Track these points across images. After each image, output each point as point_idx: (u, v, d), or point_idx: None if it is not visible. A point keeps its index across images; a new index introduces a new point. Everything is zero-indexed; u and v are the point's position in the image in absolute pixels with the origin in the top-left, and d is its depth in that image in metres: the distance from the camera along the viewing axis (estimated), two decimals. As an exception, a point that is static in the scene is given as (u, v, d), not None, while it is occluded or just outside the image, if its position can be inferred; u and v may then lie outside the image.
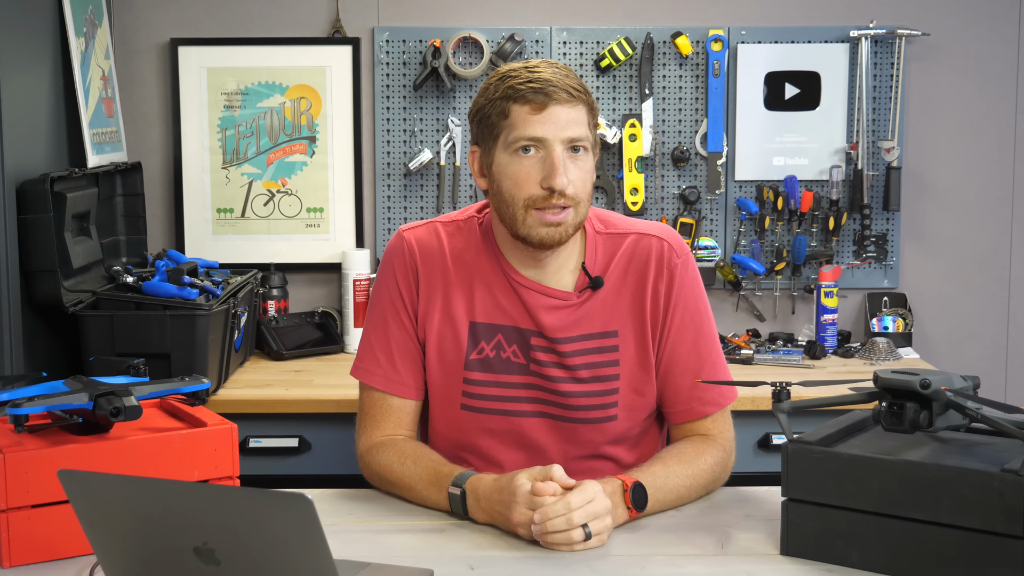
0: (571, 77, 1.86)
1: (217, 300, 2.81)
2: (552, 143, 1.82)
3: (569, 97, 1.83)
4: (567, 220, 1.84)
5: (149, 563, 1.34)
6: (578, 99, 1.84)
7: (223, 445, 1.70)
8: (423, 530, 1.75)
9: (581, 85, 1.86)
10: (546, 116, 1.82)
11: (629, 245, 1.96)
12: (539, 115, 1.82)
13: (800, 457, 1.59)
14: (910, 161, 3.45)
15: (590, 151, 1.87)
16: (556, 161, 1.81)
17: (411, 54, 3.40)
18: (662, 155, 3.42)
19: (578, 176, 1.84)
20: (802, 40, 3.40)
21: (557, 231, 1.84)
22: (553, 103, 1.82)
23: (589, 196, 1.87)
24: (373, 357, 1.97)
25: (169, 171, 3.45)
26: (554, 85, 1.82)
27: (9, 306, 2.55)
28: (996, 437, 1.63)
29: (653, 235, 1.96)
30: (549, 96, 1.82)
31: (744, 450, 2.91)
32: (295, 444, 2.88)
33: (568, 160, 1.83)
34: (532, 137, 1.83)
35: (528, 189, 1.83)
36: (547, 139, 1.82)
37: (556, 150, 1.82)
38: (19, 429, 1.63)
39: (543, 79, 1.82)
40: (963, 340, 3.51)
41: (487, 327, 1.94)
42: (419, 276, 1.96)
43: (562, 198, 1.82)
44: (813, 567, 1.59)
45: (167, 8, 3.41)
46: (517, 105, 1.83)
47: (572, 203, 1.84)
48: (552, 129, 1.82)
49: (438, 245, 1.97)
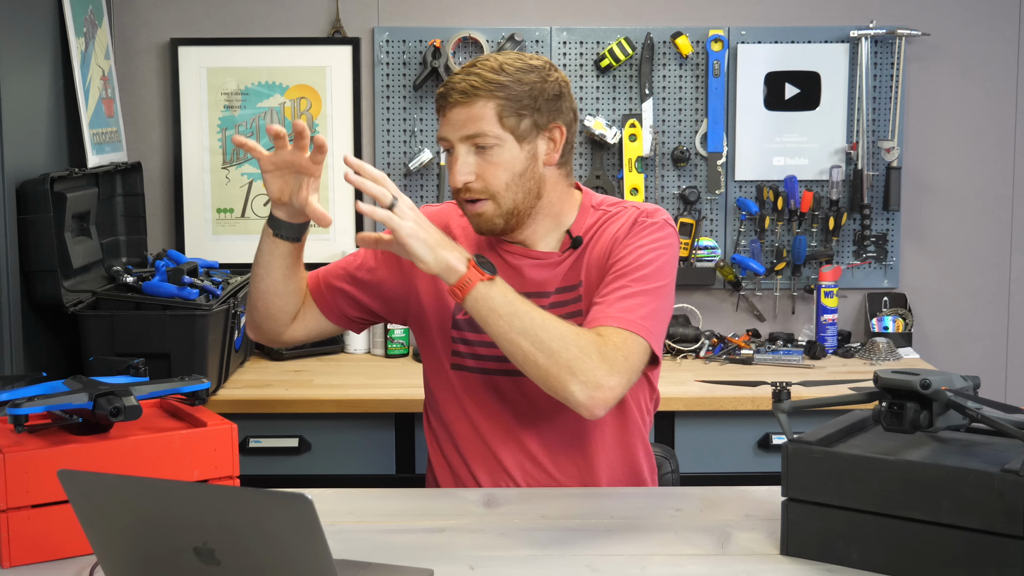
0: (484, 73, 1.90)
1: (217, 300, 2.81)
2: (453, 143, 1.92)
3: (465, 97, 1.89)
4: (487, 211, 1.93)
5: (149, 563, 1.34)
6: (477, 96, 1.89)
7: (223, 445, 1.70)
8: (423, 530, 1.75)
9: (493, 79, 1.89)
10: (447, 119, 1.92)
11: (617, 214, 2.01)
12: (444, 117, 1.93)
13: (800, 457, 1.59)
14: (910, 161, 3.45)
15: (504, 144, 1.90)
16: (454, 162, 1.92)
17: (411, 54, 3.40)
18: (662, 155, 3.42)
19: (486, 169, 1.91)
20: (802, 40, 3.40)
21: (482, 220, 1.94)
22: (450, 106, 1.91)
23: (507, 185, 1.91)
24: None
25: (169, 171, 3.45)
26: (454, 88, 1.91)
27: (9, 306, 2.55)
28: (996, 437, 1.63)
29: (641, 207, 2.01)
30: (447, 99, 1.91)
31: (744, 450, 2.92)
32: (295, 444, 2.88)
33: (474, 155, 1.91)
34: (441, 138, 1.95)
35: (452, 183, 1.95)
36: (449, 139, 1.93)
37: (456, 150, 1.92)
38: (19, 429, 1.63)
39: (450, 82, 1.92)
40: (963, 340, 3.51)
41: None
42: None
43: (468, 192, 1.92)
44: (813, 567, 1.58)
45: (167, 8, 3.42)
46: (439, 111, 1.95)
47: (484, 195, 1.92)
48: (450, 130, 1.92)
49: (445, 221, 2.07)
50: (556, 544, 1.69)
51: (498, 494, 1.92)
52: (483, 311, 1.78)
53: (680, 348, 3.25)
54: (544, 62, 1.96)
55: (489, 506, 1.86)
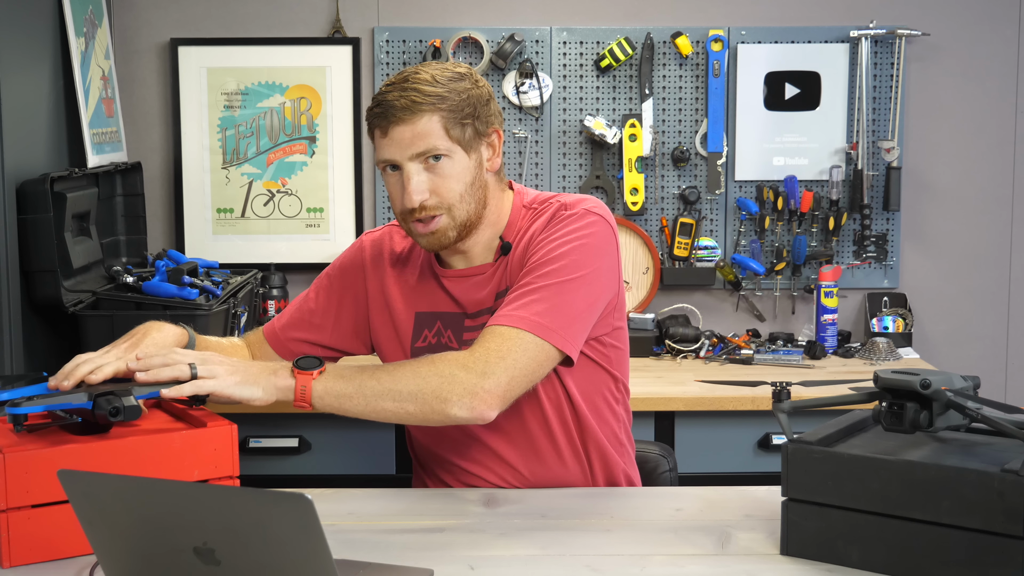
0: (420, 88, 1.85)
1: (217, 300, 2.81)
2: (402, 163, 1.87)
3: (409, 114, 1.84)
4: (441, 226, 1.89)
5: (149, 563, 1.33)
6: (420, 112, 1.84)
7: (223, 445, 1.70)
8: (423, 530, 1.75)
9: (432, 92, 1.85)
10: (390, 138, 1.86)
11: (541, 211, 1.97)
12: (386, 138, 1.87)
13: (800, 457, 1.59)
14: (910, 161, 3.45)
15: (455, 154, 1.88)
16: (407, 181, 1.86)
17: (411, 54, 3.40)
18: (662, 155, 3.42)
19: (440, 183, 1.87)
20: (802, 40, 3.40)
21: (434, 238, 1.90)
22: (393, 124, 1.85)
23: (462, 196, 1.89)
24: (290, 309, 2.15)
25: (169, 171, 3.45)
26: (393, 106, 1.84)
27: (9, 306, 2.55)
28: (996, 437, 1.63)
29: (566, 199, 1.96)
30: (387, 119, 1.86)
31: (744, 450, 2.92)
32: (295, 444, 2.88)
33: (426, 172, 1.87)
34: (385, 159, 1.89)
35: (399, 205, 1.91)
36: (396, 160, 1.87)
37: (407, 169, 1.87)
38: (18, 429, 1.63)
39: (385, 100, 1.86)
40: (963, 340, 3.51)
41: (428, 315, 2.01)
42: (366, 273, 2.07)
43: (423, 211, 1.88)
44: (813, 567, 1.58)
45: (167, 8, 3.42)
46: (375, 131, 1.89)
47: (439, 210, 1.88)
48: (397, 150, 1.86)
49: (379, 248, 2.08)
50: (556, 544, 1.69)
51: (498, 494, 1.92)
52: (333, 402, 1.76)
53: (680, 348, 3.25)
54: (467, 69, 1.93)
55: (489, 506, 1.86)
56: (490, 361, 1.76)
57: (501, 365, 1.76)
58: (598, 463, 2.01)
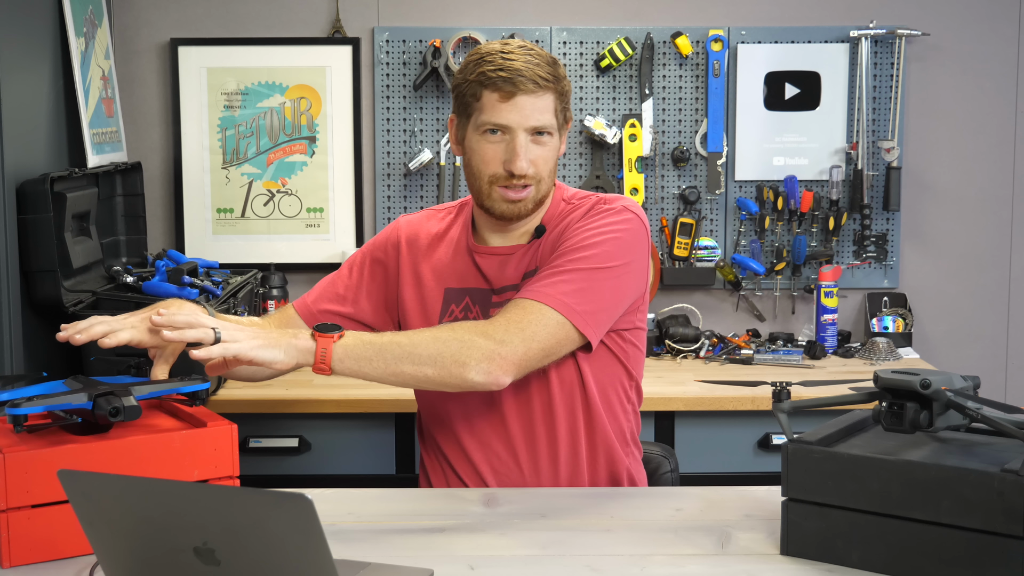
0: (543, 65, 1.94)
1: (217, 300, 2.81)
2: (516, 131, 1.93)
3: (536, 87, 1.93)
4: (528, 196, 1.97)
5: (149, 563, 1.33)
6: (546, 88, 1.94)
7: (223, 445, 1.70)
8: (423, 530, 1.75)
9: (552, 72, 1.95)
10: (512, 105, 1.92)
11: (580, 204, 2.04)
12: (506, 103, 1.93)
13: (800, 457, 1.59)
14: (910, 161, 3.45)
15: (555, 134, 1.98)
16: (518, 148, 1.93)
17: (411, 54, 3.40)
18: (662, 155, 3.42)
19: (540, 156, 1.95)
20: (802, 40, 3.40)
21: (517, 207, 1.97)
22: (520, 93, 1.92)
23: (551, 172, 1.99)
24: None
25: (169, 171, 3.45)
26: (523, 76, 1.91)
27: (9, 306, 2.55)
28: (996, 437, 1.63)
29: (606, 196, 2.04)
30: (517, 86, 1.92)
31: (744, 450, 2.92)
32: (295, 444, 2.88)
33: (531, 144, 1.94)
34: (498, 124, 1.94)
35: (492, 168, 1.96)
36: (511, 127, 1.93)
37: (519, 137, 1.93)
38: (18, 429, 1.63)
39: (514, 68, 1.92)
40: (963, 340, 3.51)
41: (457, 291, 2.05)
42: (400, 251, 2.10)
43: (522, 179, 1.95)
44: (813, 567, 1.58)
45: (167, 8, 3.42)
46: (488, 91, 1.93)
47: (533, 181, 1.96)
48: (516, 118, 1.93)
49: (415, 230, 2.12)
50: (556, 544, 1.69)
51: (498, 494, 1.92)
52: (353, 365, 1.79)
53: (680, 348, 3.25)
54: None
55: (489, 506, 1.86)
56: (509, 330, 1.83)
57: (520, 335, 1.83)
58: (603, 458, 2.02)
